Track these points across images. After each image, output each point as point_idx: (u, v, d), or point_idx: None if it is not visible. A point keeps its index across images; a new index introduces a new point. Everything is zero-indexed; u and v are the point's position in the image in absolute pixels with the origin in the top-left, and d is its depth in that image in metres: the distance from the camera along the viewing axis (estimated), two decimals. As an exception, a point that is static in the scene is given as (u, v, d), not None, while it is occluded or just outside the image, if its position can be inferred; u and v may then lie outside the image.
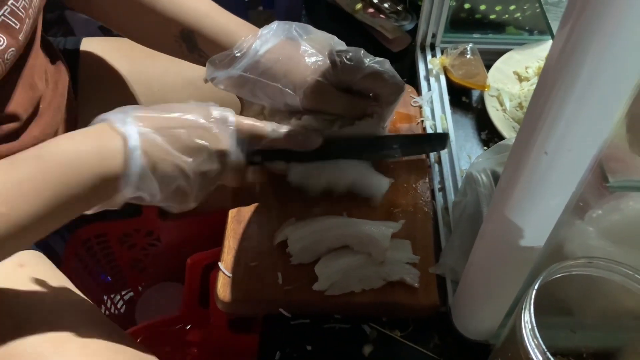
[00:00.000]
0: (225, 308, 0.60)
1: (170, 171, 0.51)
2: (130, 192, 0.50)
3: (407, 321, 0.61)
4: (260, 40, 0.62)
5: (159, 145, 0.51)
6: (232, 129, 0.56)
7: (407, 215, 0.65)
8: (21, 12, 0.54)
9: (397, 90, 0.64)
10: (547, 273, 0.43)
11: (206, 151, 0.53)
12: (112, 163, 0.49)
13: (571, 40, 0.33)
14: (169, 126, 0.52)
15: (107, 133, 0.50)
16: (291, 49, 0.62)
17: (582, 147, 0.37)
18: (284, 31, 0.63)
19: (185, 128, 0.53)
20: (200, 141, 0.53)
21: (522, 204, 0.41)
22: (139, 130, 0.50)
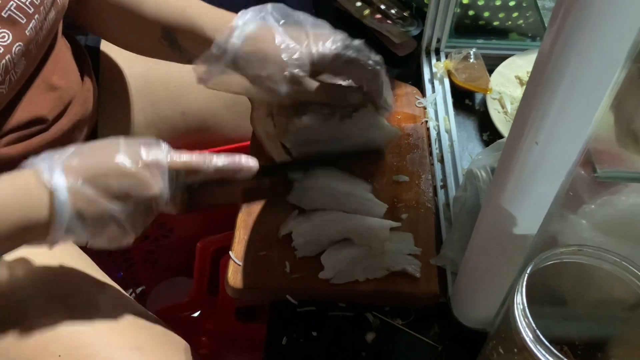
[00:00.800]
0: (235, 294, 0.63)
1: (99, 220, 0.51)
2: (58, 239, 0.50)
3: (408, 310, 0.63)
4: (237, 32, 0.62)
5: (87, 197, 0.50)
6: (163, 169, 0.53)
7: (410, 210, 0.68)
8: (28, 8, 0.56)
9: (374, 75, 0.63)
10: (538, 259, 0.46)
11: (135, 199, 0.52)
12: (38, 214, 0.49)
13: (558, 38, 0.36)
14: (97, 175, 0.51)
15: (33, 184, 0.49)
16: (269, 41, 0.62)
17: (570, 137, 0.40)
18: (260, 18, 0.63)
19: (114, 177, 0.51)
20: (130, 190, 0.51)
21: (515, 193, 0.44)
22: (67, 184, 0.49)
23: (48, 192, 0.49)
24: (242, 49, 0.62)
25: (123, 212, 0.51)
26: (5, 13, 0.54)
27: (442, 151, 0.76)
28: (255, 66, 0.62)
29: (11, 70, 0.56)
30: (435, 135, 0.78)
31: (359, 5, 0.98)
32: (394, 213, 0.67)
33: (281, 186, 0.68)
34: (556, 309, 0.56)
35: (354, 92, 0.66)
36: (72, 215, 0.49)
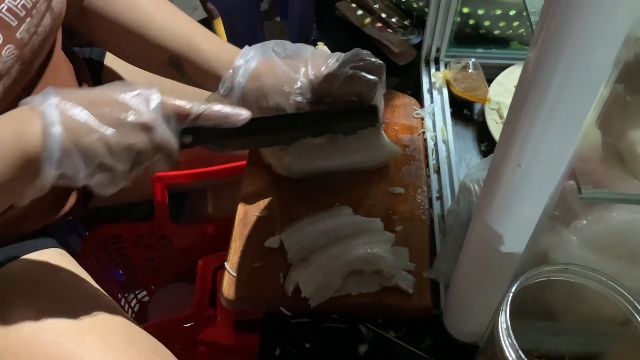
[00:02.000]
0: (230, 305, 0.64)
1: (92, 145, 0.50)
2: (52, 169, 0.49)
3: (401, 322, 0.64)
4: (241, 70, 0.65)
5: (79, 120, 0.49)
6: (155, 104, 0.54)
7: (404, 222, 0.68)
8: (20, 11, 0.56)
9: (371, 86, 0.65)
10: (525, 277, 0.46)
11: (129, 124, 0.51)
12: (30, 141, 0.48)
13: (540, 55, 0.36)
14: (90, 102, 0.51)
15: (26, 113, 0.50)
16: (270, 75, 0.65)
17: (552, 161, 0.40)
18: (260, 54, 0.66)
19: (106, 102, 0.52)
20: (123, 113, 0.51)
21: (500, 213, 0.44)
22: (58, 105, 0.49)
23: (40, 117, 0.49)
24: (247, 87, 0.65)
25: (114, 138, 0.50)
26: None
27: (439, 162, 0.76)
28: (261, 100, 0.65)
29: (4, 73, 0.55)
30: (433, 146, 0.78)
31: (359, 14, 0.98)
32: (389, 225, 0.68)
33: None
34: (546, 324, 0.56)
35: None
36: (64, 139, 0.48)
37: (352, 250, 0.63)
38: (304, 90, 0.65)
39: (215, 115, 0.56)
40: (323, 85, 0.65)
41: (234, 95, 0.66)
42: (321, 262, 0.63)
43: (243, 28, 1.33)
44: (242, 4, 1.28)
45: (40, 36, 0.60)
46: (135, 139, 0.52)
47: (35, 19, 0.58)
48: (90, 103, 0.51)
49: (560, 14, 0.34)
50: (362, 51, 0.66)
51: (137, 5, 0.69)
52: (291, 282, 0.63)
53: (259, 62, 0.66)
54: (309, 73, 0.65)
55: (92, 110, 0.50)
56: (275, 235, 0.67)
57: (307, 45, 0.70)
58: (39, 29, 0.59)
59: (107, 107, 0.51)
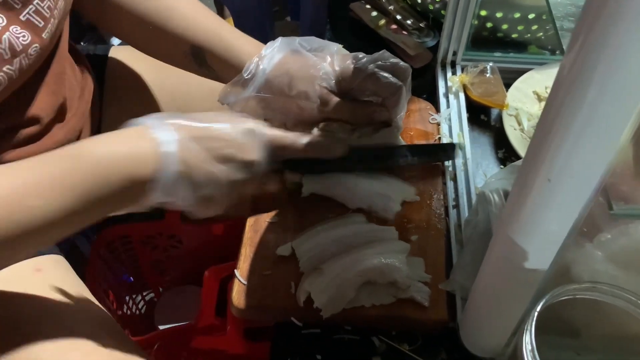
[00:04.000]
0: (239, 314, 0.62)
1: (203, 179, 0.52)
2: (160, 196, 0.51)
3: (415, 335, 0.62)
4: (267, 58, 0.64)
5: (194, 153, 0.52)
6: (262, 140, 0.57)
7: (420, 231, 0.67)
8: (46, 12, 0.56)
9: (395, 89, 0.65)
10: (550, 296, 0.44)
11: (238, 161, 0.55)
12: (144, 167, 0.50)
13: (574, 69, 0.34)
14: (204, 135, 0.53)
15: (142, 136, 0.51)
16: (295, 62, 0.65)
17: (584, 175, 0.38)
18: (288, 45, 0.66)
19: (219, 138, 0.54)
20: (233, 151, 0.54)
21: (526, 228, 0.42)
22: (177, 137, 0.51)
23: (156, 143, 0.50)
24: (272, 73, 0.64)
25: (224, 175, 0.54)
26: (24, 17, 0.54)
27: (455, 169, 0.74)
28: (285, 87, 0.64)
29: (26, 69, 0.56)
30: (449, 152, 0.76)
31: (374, 15, 0.96)
32: (403, 234, 0.66)
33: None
34: (569, 341, 0.55)
35: (380, 110, 0.67)
36: (179, 172, 0.50)
37: (366, 260, 0.61)
38: (329, 77, 0.64)
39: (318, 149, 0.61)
40: (346, 78, 0.64)
41: (257, 81, 0.64)
42: (334, 272, 0.61)
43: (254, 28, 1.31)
44: (254, 4, 1.27)
45: (56, 36, 0.60)
46: (240, 175, 0.55)
47: (57, 19, 0.58)
48: (202, 136, 0.53)
49: (599, 22, 0.32)
50: (388, 53, 0.66)
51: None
52: (303, 292, 0.61)
53: (286, 52, 0.65)
54: (334, 64, 0.65)
55: (205, 144, 0.53)
56: (287, 243, 0.65)
57: (333, 43, 0.69)
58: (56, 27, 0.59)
59: (217, 142, 0.54)
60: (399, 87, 0.65)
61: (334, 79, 0.65)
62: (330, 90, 0.65)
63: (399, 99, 0.66)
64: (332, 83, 0.65)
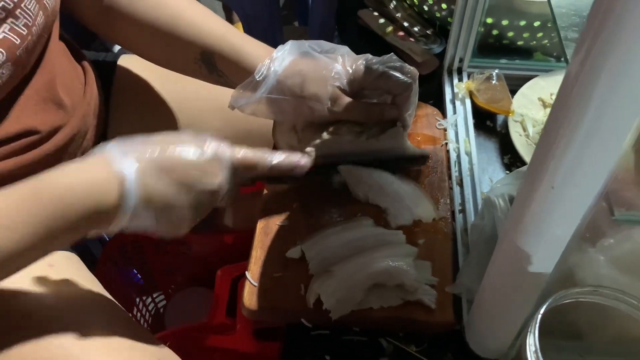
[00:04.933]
0: (250, 315, 0.64)
1: (164, 207, 0.53)
2: (123, 224, 0.52)
3: (422, 337, 0.63)
4: (278, 60, 0.65)
5: (155, 181, 0.52)
6: (225, 163, 0.57)
7: (427, 235, 0.68)
8: (22, 30, 0.56)
9: (406, 87, 0.66)
10: (553, 299, 0.46)
11: (200, 187, 0.55)
12: (106, 198, 0.50)
13: (578, 79, 0.35)
14: (165, 162, 0.53)
15: (103, 167, 0.51)
16: (307, 64, 0.66)
17: (587, 182, 0.39)
18: (299, 48, 0.67)
19: (180, 164, 0.54)
20: (196, 177, 0.55)
21: (530, 233, 0.44)
22: (137, 167, 0.51)
23: (118, 177, 0.51)
24: (283, 74, 0.65)
25: (186, 202, 0.54)
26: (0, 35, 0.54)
27: (462, 174, 0.75)
28: (297, 88, 0.65)
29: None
30: (455, 157, 0.77)
31: (381, 22, 0.98)
32: (411, 238, 0.67)
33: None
34: (573, 344, 0.56)
35: (390, 108, 0.69)
36: (140, 202, 0.51)
37: (375, 263, 0.62)
38: (342, 77, 0.66)
39: (282, 167, 0.61)
40: (358, 78, 0.66)
41: (269, 82, 0.65)
42: (343, 274, 0.62)
43: (263, 33, 1.33)
44: (263, 9, 1.28)
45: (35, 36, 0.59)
46: (203, 200, 0.56)
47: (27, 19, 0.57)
48: (164, 164, 0.53)
49: (603, 32, 0.33)
50: (396, 57, 0.68)
51: (166, 4, 0.68)
52: (312, 293, 0.62)
53: (297, 54, 0.67)
54: (346, 64, 0.66)
55: (167, 171, 0.53)
56: (297, 246, 0.67)
57: (342, 45, 0.70)
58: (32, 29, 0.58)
59: (179, 169, 0.54)
60: (409, 85, 0.66)
61: (346, 78, 0.66)
62: (343, 89, 0.66)
63: (409, 97, 0.67)
64: (344, 82, 0.66)
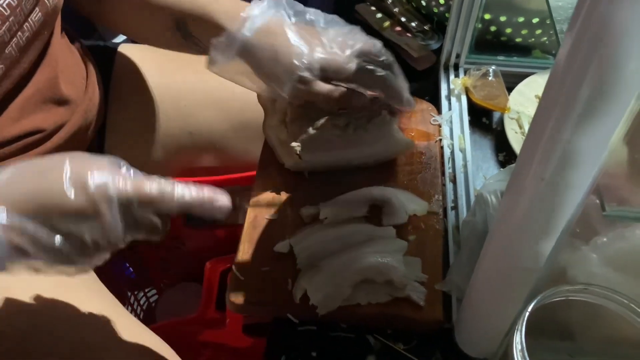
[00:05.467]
0: (236, 310, 0.63)
1: (43, 255, 0.45)
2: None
3: (411, 335, 0.62)
4: (249, 23, 0.62)
5: (26, 234, 0.44)
6: (111, 199, 0.46)
7: (418, 231, 0.67)
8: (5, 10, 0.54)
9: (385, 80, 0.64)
10: (542, 297, 0.44)
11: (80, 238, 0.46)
12: None
13: (567, 68, 0.34)
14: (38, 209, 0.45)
15: None
16: (278, 37, 0.62)
17: (577, 175, 0.38)
18: (271, 11, 0.63)
19: (56, 210, 0.45)
20: (74, 226, 0.46)
21: (519, 228, 0.42)
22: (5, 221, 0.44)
23: None
24: (252, 41, 0.62)
25: (68, 247, 0.46)
26: None
27: (455, 171, 0.74)
28: (264, 63, 0.62)
29: None
30: (449, 154, 0.76)
31: (379, 17, 0.97)
32: (401, 234, 0.66)
33: None
34: (563, 344, 0.55)
35: (361, 95, 0.66)
36: (11, 252, 0.44)
37: (363, 259, 0.61)
38: (312, 66, 0.61)
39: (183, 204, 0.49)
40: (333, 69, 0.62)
41: (236, 45, 0.62)
42: (331, 269, 0.61)
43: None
44: None
45: (30, 33, 0.58)
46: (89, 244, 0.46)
47: (20, 16, 0.56)
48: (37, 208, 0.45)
49: (591, 22, 0.32)
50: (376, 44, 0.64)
51: None
52: (299, 288, 0.61)
53: (270, 18, 0.62)
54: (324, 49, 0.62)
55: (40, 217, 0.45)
56: (285, 240, 0.66)
57: (319, 12, 0.66)
58: (25, 25, 0.58)
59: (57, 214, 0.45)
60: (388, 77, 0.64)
61: (318, 67, 0.62)
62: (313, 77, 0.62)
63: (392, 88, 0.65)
64: (316, 72, 0.62)
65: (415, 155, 0.74)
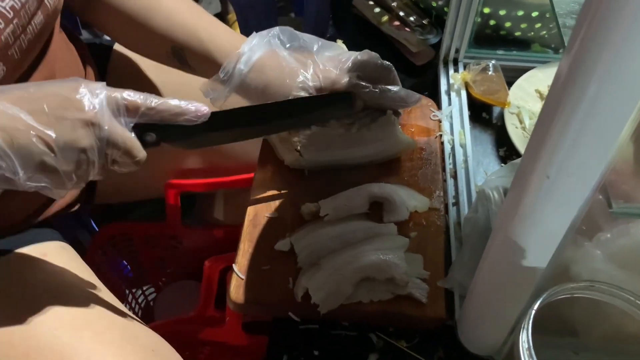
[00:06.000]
0: (237, 309, 0.62)
1: (29, 144, 0.46)
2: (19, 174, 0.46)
3: (413, 332, 0.62)
4: (245, 57, 0.64)
5: (15, 118, 0.46)
6: (99, 98, 0.49)
7: (419, 228, 0.66)
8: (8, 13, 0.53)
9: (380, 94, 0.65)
10: (547, 294, 0.44)
11: (68, 120, 0.48)
12: None
13: (575, 63, 0.34)
14: (27, 97, 0.47)
15: None
16: (273, 68, 0.64)
17: (583, 172, 0.37)
18: (266, 44, 0.65)
19: (44, 98, 0.48)
20: (61, 109, 0.47)
21: (524, 226, 0.42)
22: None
23: None
24: (248, 76, 0.64)
25: (53, 137, 0.47)
26: None
27: (456, 167, 0.74)
28: (261, 93, 0.64)
29: None
30: (450, 149, 0.76)
31: (377, 12, 0.96)
32: (402, 230, 0.65)
33: None
34: (567, 341, 0.54)
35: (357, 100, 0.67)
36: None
37: (364, 257, 0.61)
38: (307, 85, 0.64)
39: (170, 109, 0.52)
40: (327, 90, 0.64)
41: (233, 82, 0.64)
42: (332, 267, 0.61)
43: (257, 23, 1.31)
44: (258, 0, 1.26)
45: (32, 35, 0.58)
46: (77, 136, 0.48)
47: (24, 19, 0.56)
48: (27, 99, 0.47)
49: (599, 18, 0.31)
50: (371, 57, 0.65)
51: None
52: (301, 287, 0.61)
53: (264, 52, 0.65)
54: (317, 69, 0.64)
55: (29, 106, 0.47)
56: (286, 238, 0.65)
57: (314, 37, 0.68)
58: (29, 28, 0.57)
59: (45, 103, 0.47)
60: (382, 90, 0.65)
61: (313, 84, 0.64)
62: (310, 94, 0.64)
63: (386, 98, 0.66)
64: (310, 89, 0.64)
65: (416, 151, 0.73)
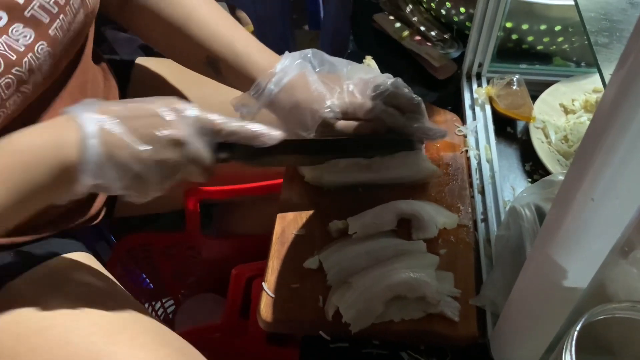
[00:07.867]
0: (267, 327, 0.62)
1: (126, 159, 0.51)
2: (89, 180, 0.51)
3: (445, 350, 0.61)
4: (275, 79, 0.66)
5: (115, 134, 0.51)
6: (190, 119, 0.54)
7: (448, 245, 0.66)
8: (52, 8, 0.56)
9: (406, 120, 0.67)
10: (589, 314, 0.44)
11: (162, 139, 0.52)
12: (68, 152, 0.49)
13: (624, 89, 0.34)
14: (127, 115, 0.52)
15: (65, 123, 0.51)
16: (302, 91, 0.66)
17: (629, 195, 0.37)
18: (297, 66, 0.67)
19: (142, 116, 0.53)
20: (157, 129, 0.52)
21: (566, 246, 0.42)
22: (96, 119, 0.50)
23: (77, 128, 0.50)
24: (277, 96, 0.66)
25: (148, 154, 0.52)
26: (28, 13, 0.54)
27: (483, 182, 0.73)
28: (288, 113, 0.66)
29: (36, 70, 0.56)
30: (476, 165, 0.75)
31: (398, 27, 0.96)
32: (431, 248, 0.65)
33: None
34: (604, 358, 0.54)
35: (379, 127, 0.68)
36: (99, 153, 0.50)
37: (395, 275, 0.60)
38: (333, 110, 0.66)
39: (247, 133, 0.57)
40: (354, 114, 0.66)
41: (262, 100, 0.67)
42: (362, 286, 0.60)
43: (275, 36, 1.32)
44: (276, 12, 1.27)
45: (73, 32, 0.60)
46: (168, 154, 0.53)
47: (70, 16, 0.58)
48: (127, 117, 0.52)
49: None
50: (400, 86, 0.66)
51: (181, 1, 0.69)
52: (331, 306, 0.61)
53: (295, 73, 0.67)
54: (344, 96, 0.67)
55: (128, 124, 0.52)
56: (314, 256, 0.65)
57: (344, 61, 0.70)
58: (72, 26, 0.59)
59: (142, 121, 0.52)
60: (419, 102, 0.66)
61: (339, 111, 0.66)
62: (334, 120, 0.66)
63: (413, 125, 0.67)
64: (337, 115, 0.66)
65: (442, 167, 0.73)
